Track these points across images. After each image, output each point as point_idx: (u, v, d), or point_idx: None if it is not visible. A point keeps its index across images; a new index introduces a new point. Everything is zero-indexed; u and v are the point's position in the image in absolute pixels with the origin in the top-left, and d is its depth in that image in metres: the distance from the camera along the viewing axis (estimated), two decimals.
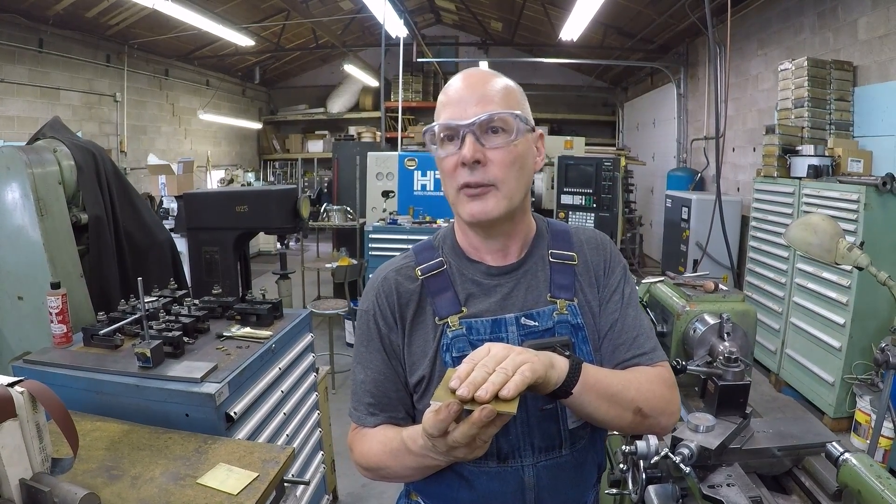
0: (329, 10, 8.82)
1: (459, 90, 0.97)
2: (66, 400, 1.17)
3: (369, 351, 1.05)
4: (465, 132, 0.93)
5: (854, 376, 3.41)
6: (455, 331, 0.99)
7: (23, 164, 2.10)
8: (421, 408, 1.03)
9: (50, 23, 6.01)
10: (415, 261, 1.08)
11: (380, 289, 1.05)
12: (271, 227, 3.53)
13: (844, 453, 1.29)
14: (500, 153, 0.94)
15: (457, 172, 0.96)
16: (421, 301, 1.04)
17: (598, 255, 1.09)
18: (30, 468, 1.11)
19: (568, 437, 1.01)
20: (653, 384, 0.99)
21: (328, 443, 2.82)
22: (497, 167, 0.94)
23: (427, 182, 5.32)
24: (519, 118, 0.95)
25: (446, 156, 0.97)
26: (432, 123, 0.99)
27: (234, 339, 1.90)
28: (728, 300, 1.95)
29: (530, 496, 1.01)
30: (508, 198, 0.96)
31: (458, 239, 1.09)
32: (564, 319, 1.01)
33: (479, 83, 0.97)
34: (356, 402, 1.07)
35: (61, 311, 1.82)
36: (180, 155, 8.38)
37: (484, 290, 1.03)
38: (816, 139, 4.16)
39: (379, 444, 1.00)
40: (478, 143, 0.94)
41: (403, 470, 0.98)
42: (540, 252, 1.06)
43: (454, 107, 0.95)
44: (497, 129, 0.94)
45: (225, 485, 1.25)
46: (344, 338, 5.29)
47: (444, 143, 0.97)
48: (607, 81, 11.50)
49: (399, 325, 1.03)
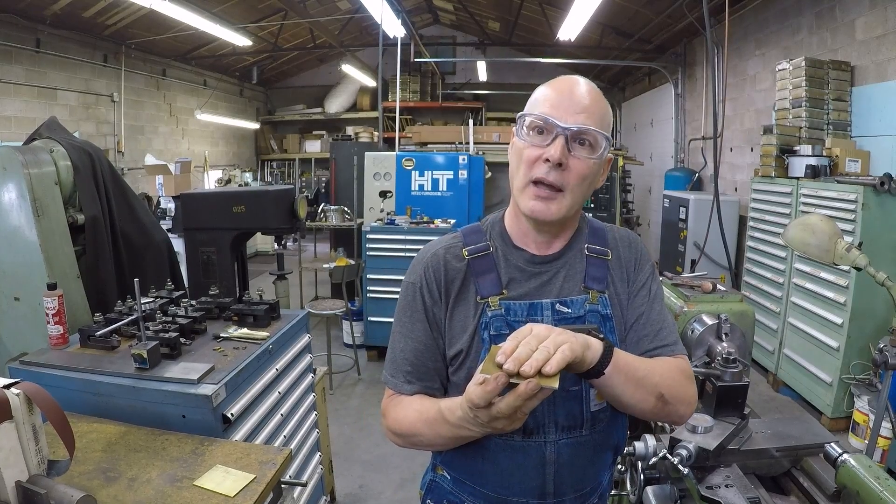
0: (327, 10, 8.80)
1: (566, 91, 1.03)
2: (63, 401, 1.17)
3: (412, 321, 1.11)
4: (560, 133, 1.00)
5: (852, 376, 3.42)
6: (494, 310, 1.06)
7: (19, 164, 2.09)
8: (456, 380, 1.10)
9: (47, 22, 5.99)
10: (463, 241, 1.14)
11: (428, 263, 1.12)
12: (268, 227, 3.52)
13: (843, 454, 1.29)
14: (581, 164, 1.02)
15: (536, 165, 1.02)
16: (465, 279, 1.10)
17: (630, 252, 1.16)
18: (26, 470, 1.10)
19: (589, 418, 1.08)
20: (674, 374, 1.05)
21: (326, 443, 2.81)
22: (573, 175, 1.02)
23: (424, 182, 5.30)
24: (607, 140, 1.03)
25: (531, 145, 1.03)
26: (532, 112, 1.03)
27: (232, 340, 1.90)
28: (726, 300, 1.95)
29: (550, 470, 1.08)
30: (570, 205, 1.04)
31: (508, 224, 1.15)
32: (595, 309, 1.09)
33: (587, 94, 1.03)
34: (394, 369, 1.12)
35: (58, 312, 1.81)
36: (178, 155, 8.37)
37: (525, 276, 1.10)
38: (814, 139, 4.16)
39: (415, 412, 1.06)
40: (565, 148, 1.00)
41: (436, 438, 1.03)
42: (579, 246, 1.14)
43: (557, 106, 1.01)
44: (585, 142, 1.02)
45: (222, 487, 1.25)
46: (341, 338, 5.29)
47: (533, 133, 1.03)
48: (605, 81, 11.50)
49: (443, 299, 1.10)
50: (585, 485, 1.13)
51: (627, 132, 10.65)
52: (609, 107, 1.07)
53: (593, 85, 1.06)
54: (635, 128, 10.15)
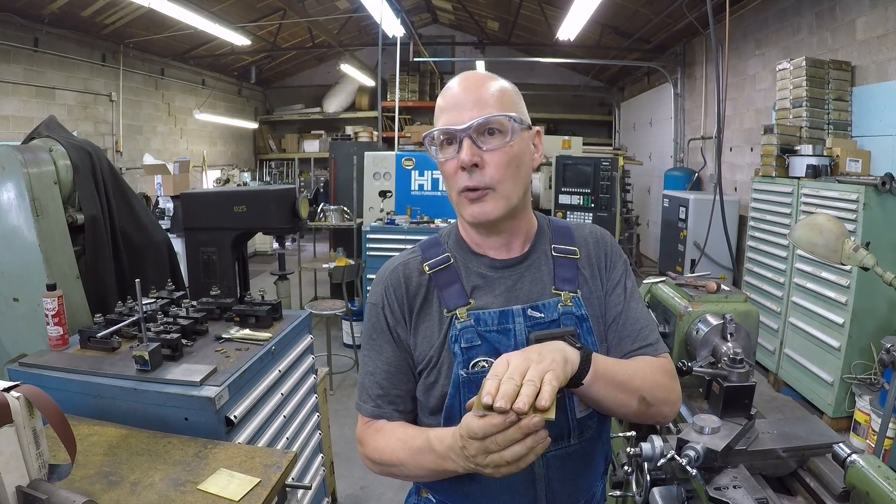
0: (325, 10, 8.78)
1: (455, 95, 1.00)
2: (63, 403, 1.15)
3: (379, 342, 1.08)
4: (461, 136, 0.97)
5: (853, 376, 3.41)
6: (463, 322, 1.02)
7: (18, 163, 2.07)
8: (423, 399, 1.05)
9: (45, 22, 5.97)
10: (421, 256, 1.11)
11: (388, 281, 1.09)
12: (270, 227, 3.51)
13: (852, 454, 1.28)
14: (497, 155, 0.98)
15: (457, 175, 1.00)
16: (428, 294, 1.07)
17: (599, 248, 1.13)
18: (27, 475, 1.09)
19: (576, 426, 1.04)
20: (656, 374, 1.03)
21: (327, 445, 2.80)
22: (494, 169, 0.98)
23: (424, 182, 5.29)
24: (513, 119, 0.98)
25: (446, 160, 1.01)
26: (432, 129, 1.02)
27: (233, 341, 1.88)
28: (730, 300, 1.94)
29: (541, 486, 1.04)
30: (506, 198, 1.00)
31: (462, 234, 1.12)
32: (569, 311, 1.05)
33: (474, 87, 1.00)
34: (364, 395, 1.09)
35: (57, 313, 1.80)
36: (176, 155, 8.34)
37: (489, 283, 1.07)
38: (815, 139, 4.16)
39: (398, 440, 1.02)
40: (475, 146, 0.97)
41: (418, 469, 0.99)
42: (543, 247, 1.10)
43: (451, 111, 0.99)
44: (493, 131, 0.98)
45: (226, 491, 1.24)
46: (341, 338, 5.27)
47: (444, 146, 1.01)
48: (604, 81, 11.51)
49: (406, 317, 1.06)
50: (579, 497, 1.09)
51: (626, 132, 10.65)
52: (508, 85, 1.03)
53: (482, 73, 1.04)
54: (634, 127, 10.15)
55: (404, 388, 1.07)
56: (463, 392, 1.00)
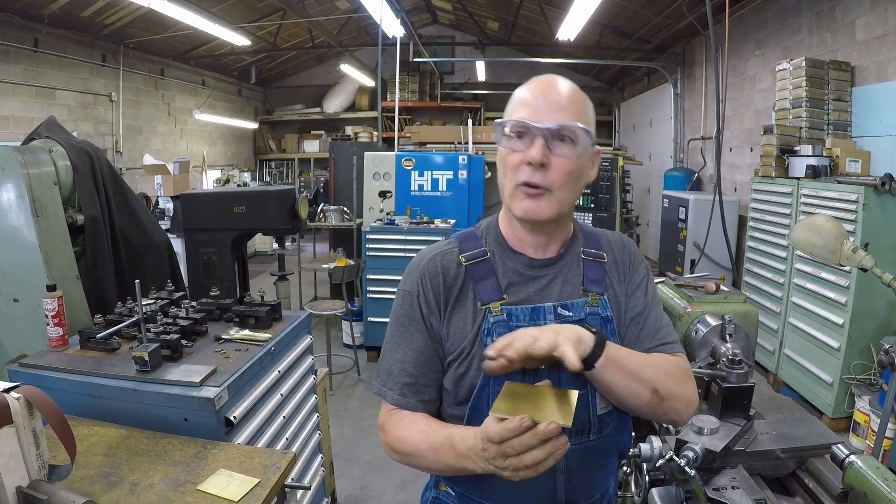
0: (325, 10, 8.78)
1: (539, 93, 1.02)
2: (63, 404, 1.16)
3: (410, 330, 1.09)
4: (537, 134, 0.99)
5: (853, 376, 3.42)
6: (496, 316, 1.05)
7: (18, 164, 2.07)
8: (451, 389, 1.08)
9: (45, 22, 5.96)
10: (458, 248, 1.13)
11: (424, 270, 1.10)
12: (270, 227, 3.51)
13: (850, 455, 1.28)
14: (564, 162, 1.01)
15: (520, 169, 1.02)
16: (464, 285, 1.09)
17: (624, 254, 1.18)
18: (26, 475, 1.09)
19: (596, 422, 1.07)
20: (669, 369, 1.05)
21: (327, 445, 2.80)
22: (558, 174, 1.01)
23: (424, 182, 5.29)
24: (588, 133, 1.02)
25: (514, 151, 1.02)
26: (508, 118, 1.03)
27: (233, 342, 1.88)
28: (730, 301, 1.95)
29: (561, 478, 1.07)
30: (560, 203, 1.04)
31: (503, 229, 1.14)
32: (595, 311, 1.09)
33: (561, 92, 1.03)
34: (391, 382, 1.09)
35: (57, 314, 1.80)
36: (176, 155, 8.33)
37: (524, 280, 1.10)
38: (814, 139, 4.16)
39: (421, 433, 1.04)
40: (546, 148, 0.99)
41: (437, 464, 1.02)
42: (575, 250, 1.14)
43: (531, 108, 1.01)
44: (566, 139, 1.00)
45: (226, 491, 1.24)
46: (341, 339, 5.28)
47: (513, 139, 1.03)
48: (604, 81, 11.50)
49: (441, 307, 1.08)
50: (595, 491, 1.12)
51: (626, 132, 10.65)
52: (588, 100, 1.06)
53: (569, 81, 1.05)
54: (634, 128, 10.15)
55: (432, 378, 1.09)
56: (492, 384, 1.02)
